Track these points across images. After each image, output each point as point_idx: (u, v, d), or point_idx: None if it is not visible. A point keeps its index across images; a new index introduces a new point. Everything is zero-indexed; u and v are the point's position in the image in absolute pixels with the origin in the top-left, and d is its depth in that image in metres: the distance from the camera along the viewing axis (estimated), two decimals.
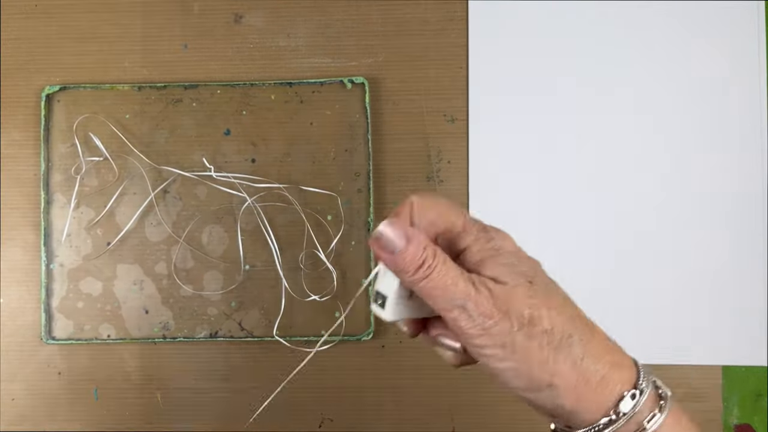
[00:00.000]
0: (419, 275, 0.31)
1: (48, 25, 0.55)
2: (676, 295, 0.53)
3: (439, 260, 0.31)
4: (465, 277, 0.31)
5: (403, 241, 0.31)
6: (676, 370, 0.52)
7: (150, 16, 0.55)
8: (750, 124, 0.53)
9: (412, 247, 0.31)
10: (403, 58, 0.54)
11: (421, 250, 0.31)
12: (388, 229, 0.31)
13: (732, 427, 0.52)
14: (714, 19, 0.54)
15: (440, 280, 0.30)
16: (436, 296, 0.31)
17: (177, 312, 0.54)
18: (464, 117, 0.54)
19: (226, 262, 0.54)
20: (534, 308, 0.30)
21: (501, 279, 0.30)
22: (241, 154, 0.54)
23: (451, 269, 0.31)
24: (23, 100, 0.55)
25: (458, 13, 0.54)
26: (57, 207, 0.54)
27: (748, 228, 0.53)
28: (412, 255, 0.31)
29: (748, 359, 0.52)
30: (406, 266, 0.31)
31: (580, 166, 0.53)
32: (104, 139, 0.54)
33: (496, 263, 0.31)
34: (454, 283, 0.30)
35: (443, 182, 0.54)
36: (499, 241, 0.32)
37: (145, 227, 0.54)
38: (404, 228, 0.31)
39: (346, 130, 0.54)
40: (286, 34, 0.55)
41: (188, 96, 0.54)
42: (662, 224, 0.53)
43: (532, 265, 0.33)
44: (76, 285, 0.54)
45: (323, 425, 0.53)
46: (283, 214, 0.54)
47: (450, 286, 0.30)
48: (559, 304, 0.31)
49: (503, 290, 0.30)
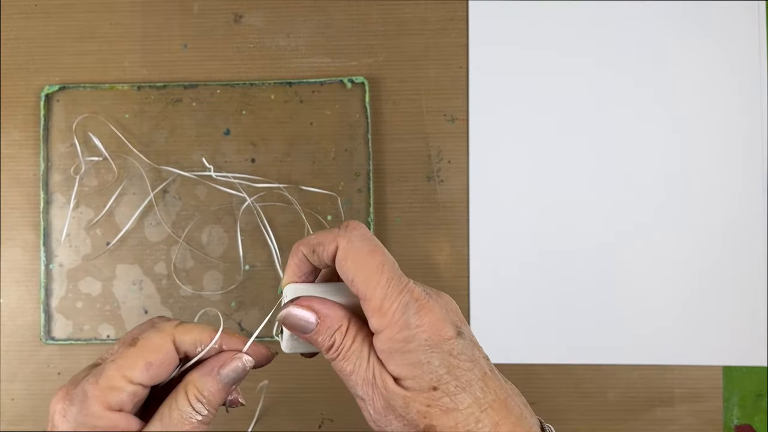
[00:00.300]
0: (329, 356, 0.30)
1: (47, 24, 0.55)
2: (676, 295, 0.52)
3: (346, 344, 0.30)
4: (368, 370, 0.29)
5: (313, 322, 0.30)
6: (677, 370, 0.52)
7: (150, 16, 0.55)
8: (750, 125, 0.53)
9: (322, 327, 0.30)
10: (403, 58, 0.54)
11: (332, 332, 0.30)
12: (295, 310, 0.30)
13: (732, 428, 0.52)
14: (714, 19, 0.53)
15: (344, 367, 0.30)
16: (343, 379, 0.30)
17: (177, 312, 0.53)
18: (464, 117, 0.54)
19: (225, 262, 0.54)
20: (431, 420, 0.28)
21: (404, 383, 0.29)
22: (240, 154, 0.54)
23: (355, 357, 0.29)
24: (22, 100, 0.55)
25: (458, 13, 0.54)
26: (56, 207, 0.54)
27: (749, 228, 0.53)
28: (322, 337, 0.30)
29: (749, 359, 0.52)
30: (320, 347, 0.30)
31: (580, 165, 0.53)
32: (104, 138, 0.54)
33: (404, 362, 0.29)
34: (356, 373, 0.29)
35: (443, 182, 0.54)
36: (414, 329, 0.29)
37: (145, 227, 0.54)
38: (314, 306, 0.30)
39: (346, 129, 0.54)
40: (285, 34, 0.55)
41: (188, 96, 0.54)
42: (662, 224, 0.53)
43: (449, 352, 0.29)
44: (75, 285, 0.54)
45: (323, 425, 0.53)
46: (282, 214, 0.54)
47: (352, 375, 0.29)
48: (465, 407, 0.28)
49: (402, 397, 0.28)
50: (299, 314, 0.30)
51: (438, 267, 0.53)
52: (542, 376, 0.53)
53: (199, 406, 0.30)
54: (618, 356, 0.52)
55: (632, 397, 0.52)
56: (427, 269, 0.53)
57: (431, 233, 0.53)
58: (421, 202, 0.54)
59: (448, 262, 0.53)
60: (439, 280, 0.53)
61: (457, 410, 0.28)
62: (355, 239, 0.30)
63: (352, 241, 0.30)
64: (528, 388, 0.53)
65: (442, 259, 0.53)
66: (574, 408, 0.53)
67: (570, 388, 0.53)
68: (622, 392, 0.52)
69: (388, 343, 0.29)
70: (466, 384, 0.29)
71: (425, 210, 0.54)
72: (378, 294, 0.29)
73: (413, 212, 0.54)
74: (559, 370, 0.53)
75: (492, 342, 0.53)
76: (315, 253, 0.31)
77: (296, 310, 0.30)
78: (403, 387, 0.29)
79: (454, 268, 0.53)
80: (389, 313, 0.29)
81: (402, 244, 0.53)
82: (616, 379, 0.52)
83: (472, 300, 0.53)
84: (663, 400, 0.52)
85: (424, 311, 0.29)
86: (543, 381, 0.53)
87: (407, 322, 0.29)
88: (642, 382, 0.52)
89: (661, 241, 0.53)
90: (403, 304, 0.29)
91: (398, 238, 0.53)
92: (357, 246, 0.30)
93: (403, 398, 0.28)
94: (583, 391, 0.53)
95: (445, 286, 0.53)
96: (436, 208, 0.54)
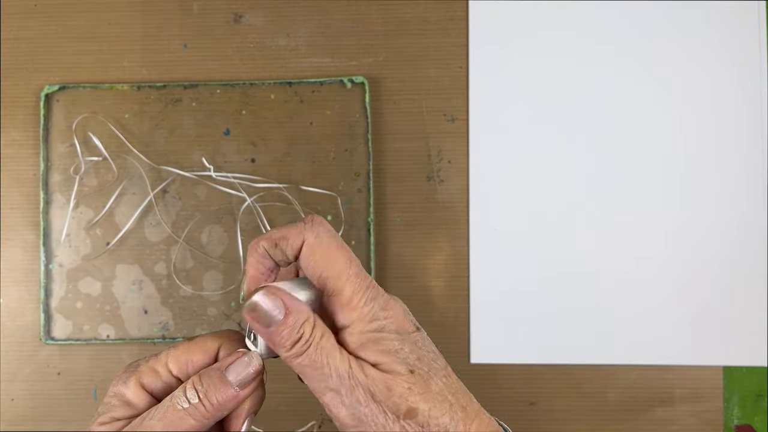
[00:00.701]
0: (294, 351, 0.28)
1: (47, 24, 0.55)
2: (676, 295, 0.52)
3: (316, 336, 0.28)
4: (343, 359, 0.28)
5: (280, 313, 0.28)
6: (677, 370, 0.52)
7: (149, 16, 0.55)
8: (750, 125, 0.53)
9: (290, 319, 0.28)
10: (403, 58, 0.54)
11: (299, 325, 0.28)
12: (265, 299, 0.29)
13: (733, 428, 0.52)
14: (714, 20, 0.53)
15: (316, 358, 0.28)
16: (309, 375, 0.28)
17: (177, 312, 0.53)
18: (464, 117, 0.54)
19: (225, 262, 0.54)
20: (412, 401, 0.28)
21: (383, 367, 0.28)
22: (240, 154, 0.54)
23: (328, 348, 0.28)
24: (22, 100, 0.55)
25: (458, 13, 0.54)
26: (56, 207, 0.54)
27: (749, 228, 0.53)
28: (289, 330, 0.28)
29: (749, 360, 0.52)
30: (283, 341, 0.29)
31: (580, 165, 0.53)
32: (103, 138, 0.54)
33: (378, 349, 0.29)
34: (330, 364, 0.28)
35: (443, 182, 0.54)
36: (383, 320, 0.29)
37: (145, 227, 0.54)
38: (283, 298, 0.29)
39: (346, 129, 0.54)
40: (285, 34, 0.55)
41: (188, 96, 0.54)
42: (662, 224, 0.53)
43: (414, 342, 0.30)
44: (75, 285, 0.54)
45: (323, 426, 0.53)
46: (282, 214, 0.54)
47: (325, 367, 0.28)
48: (438, 391, 0.29)
49: (383, 381, 0.28)
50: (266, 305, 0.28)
51: (438, 267, 0.53)
52: (542, 376, 0.53)
53: (191, 393, 0.29)
54: (618, 356, 0.52)
55: (632, 398, 0.52)
56: (427, 269, 0.53)
57: (431, 233, 0.53)
58: (421, 202, 0.54)
59: (448, 262, 0.53)
60: (439, 280, 0.53)
61: (431, 392, 0.29)
62: (323, 234, 0.30)
63: (320, 236, 0.30)
64: (528, 388, 0.53)
65: (442, 259, 0.53)
66: (575, 408, 0.53)
67: (570, 389, 0.53)
68: (622, 392, 0.52)
69: (359, 335, 0.29)
70: (435, 371, 0.30)
71: (425, 210, 0.54)
72: (348, 289, 0.29)
73: (413, 212, 0.54)
74: (559, 371, 0.53)
75: (492, 342, 0.53)
76: (278, 248, 0.30)
77: (266, 299, 0.28)
78: (383, 371, 0.29)
79: (454, 268, 0.53)
80: (358, 307, 0.29)
81: (402, 244, 0.53)
82: (616, 379, 0.52)
83: (472, 300, 0.53)
84: (663, 401, 0.52)
85: (389, 305, 0.30)
86: (543, 381, 0.53)
87: (376, 315, 0.29)
88: (642, 383, 0.52)
89: (662, 241, 0.53)
90: (371, 299, 0.29)
91: (398, 238, 0.53)
92: (325, 242, 0.30)
93: (384, 382, 0.28)
94: (583, 392, 0.53)
95: (445, 286, 0.53)
96: (436, 208, 0.54)
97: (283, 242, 0.30)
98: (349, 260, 0.30)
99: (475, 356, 0.53)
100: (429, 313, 0.53)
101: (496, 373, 0.53)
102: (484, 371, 0.53)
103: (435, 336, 0.52)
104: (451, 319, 0.53)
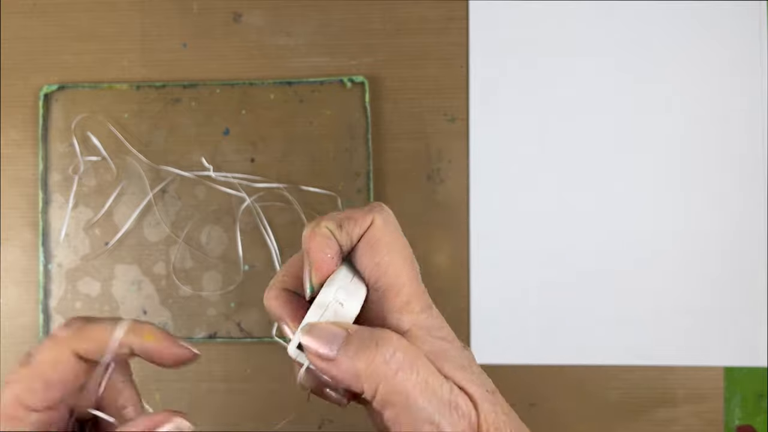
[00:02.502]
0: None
1: (46, 24, 0.55)
2: (676, 295, 0.52)
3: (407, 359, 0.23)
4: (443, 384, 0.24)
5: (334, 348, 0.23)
6: (678, 371, 0.52)
7: (149, 15, 0.55)
8: (751, 125, 0.53)
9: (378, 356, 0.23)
10: (403, 58, 0.54)
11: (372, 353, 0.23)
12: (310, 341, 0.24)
13: (734, 429, 0.52)
14: (715, 20, 0.53)
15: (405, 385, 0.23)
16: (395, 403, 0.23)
17: (176, 312, 0.53)
18: (464, 116, 0.54)
19: (225, 263, 0.53)
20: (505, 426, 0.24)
21: (467, 389, 0.25)
22: (240, 154, 0.54)
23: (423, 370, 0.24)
24: (21, 100, 0.54)
25: (458, 13, 0.54)
26: (55, 207, 0.54)
27: (749, 228, 0.52)
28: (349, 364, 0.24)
29: (750, 360, 0.52)
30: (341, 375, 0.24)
31: (580, 165, 0.53)
32: (102, 138, 0.54)
33: (453, 365, 0.25)
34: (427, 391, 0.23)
35: (443, 182, 0.53)
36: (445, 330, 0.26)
37: (144, 227, 0.54)
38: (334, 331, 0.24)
39: (346, 129, 0.54)
40: (285, 33, 0.54)
41: (187, 95, 0.54)
42: (663, 225, 0.53)
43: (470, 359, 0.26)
44: (74, 285, 0.53)
45: (323, 426, 0.53)
46: (282, 214, 0.53)
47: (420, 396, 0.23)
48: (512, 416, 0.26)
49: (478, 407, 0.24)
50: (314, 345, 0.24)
51: (438, 267, 0.53)
52: (543, 376, 0.52)
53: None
54: (619, 357, 0.52)
55: (633, 398, 0.52)
56: (427, 269, 0.53)
57: (431, 233, 0.53)
58: (421, 202, 0.53)
59: (448, 262, 0.53)
60: (439, 280, 0.53)
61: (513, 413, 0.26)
62: (391, 221, 0.26)
63: (388, 221, 0.26)
64: (528, 389, 0.52)
65: (442, 259, 0.53)
66: (575, 409, 0.52)
67: (571, 389, 0.52)
68: (623, 393, 0.52)
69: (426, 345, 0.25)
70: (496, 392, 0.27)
71: (425, 210, 0.53)
72: (407, 288, 0.26)
73: (413, 212, 0.54)
74: (560, 371, 0.52)
75: (492, 342, 0.52)
76: (342, 230, 0.26)
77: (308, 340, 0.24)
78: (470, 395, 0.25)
79: (454, 268, 0.53)
80: (415, 311, 0.26)
81: None
82: (617, 379, 0.52)
83: (472, 300, 0.53)
84: (664, 401, 0.52)
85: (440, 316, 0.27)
86: (544, 382, 0.52)
87: (437, 323, 0.26)
88: (643, 383, 0.52)
89: (662, 241, 0.53)
90: (427, 306, 0.26)
91: None
92: (393, 228, 0.26)
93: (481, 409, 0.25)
94: (583, 392, 0.52)
95: (445, 286, 0.53)
96: (436, 208, 0.53)
97: (349, 223, 0.26)
98: (412, 258, 0.27)
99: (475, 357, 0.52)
100: None
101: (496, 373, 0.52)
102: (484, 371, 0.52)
103: None
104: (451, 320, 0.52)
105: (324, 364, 0.24)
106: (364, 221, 0.26)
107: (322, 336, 0.24)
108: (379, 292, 0.26)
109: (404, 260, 0.26)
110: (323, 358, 0.24)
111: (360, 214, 0.26)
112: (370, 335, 0.24)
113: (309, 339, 0.24)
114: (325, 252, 0.26)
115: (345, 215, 0.27)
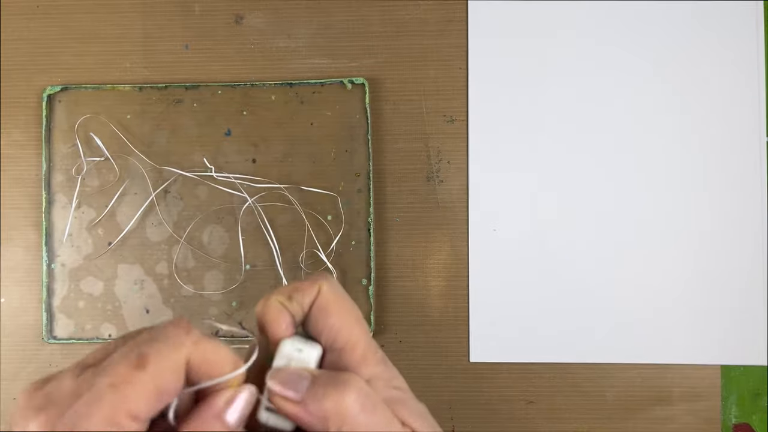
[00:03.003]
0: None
1: (49, 25, 0.55)
2: (674, 294, 0.53)
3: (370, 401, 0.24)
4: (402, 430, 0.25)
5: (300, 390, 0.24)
6: (675, 369, 0.53)
7: (151, 17, 0.55)
8: (749, 125, 0.53)
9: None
10: (403, 59, 0.54)
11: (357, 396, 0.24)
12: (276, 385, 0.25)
13: (731, 427, 0.53)
14: (713, 20, 0.54)
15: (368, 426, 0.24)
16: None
17: (178, 312, 0.54)
18: (464, 117, 0.54)
19: (226, 262, 0.54)
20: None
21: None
22: (241, 155, 0.54)
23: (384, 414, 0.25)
24: (24, 101, 0.55)
25: (458, 14, 0.55)
26: (58, 207, 0.54)
27: (748, 228, 0.53)
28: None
29: (747, 358, 0.52)
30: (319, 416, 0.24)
31: (580, 166, 0.54)
32: (105, 139, 0.54)
33: (411, 412, 0.26)
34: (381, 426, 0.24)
35: (443, 182, 0.54)
36: (401, 380, 0.27)
37: (146, 227, 0.54)
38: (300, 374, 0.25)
39: (347, 130, 0.54)
40: (286, 35, 0.55)
41: (189, 96, 0.54)
42: (661, 224, 0.53)
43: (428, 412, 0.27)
44: (77, 285, 0.54)
45: None
46: (283, 214, 0.54)
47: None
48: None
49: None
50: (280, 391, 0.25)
51: (438, 267, 0.53)
52: (541, 375, 0.53)
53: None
54: (616, 355, 0.53)
55: (631, 396, 0.53)
56: (427, 269, 0.53)
57: (431, 233, 0.54)
58: (421, 202, 0.54)
59: (448, 262, 0.53)
60: (438, 279, 0.53)
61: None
62: (336, 286, 0.28)
63: (334, 286, 0.28)
64: (527, 387, 0.53)
65: (442, 259, 0.54)
66: (573, 407, 0.53)
67: (569, 388, 0.53)
68: (620, 391, 0.53)
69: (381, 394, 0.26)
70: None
71: (425, 210, 0.54)
72: (362, 343, 0.27)
73: (413, 212, 0.54)
74: (558, 370, 0.53)
75: (491, 341, 0.53)
76: (292, 300, 0.27)
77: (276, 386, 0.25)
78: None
79: (454, 268, 0.53)
80: (371, 364, 0.27)
81: (402, 244, 0.54)
82: (614, 378, 0.53)
83: (471, 300, 0.53)
84: (661, 399, 0.53)
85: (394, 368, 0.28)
86: (542, 380, 0.53)
87: (392, 373, 0.28)
88: (640, 382, 0.53)
89: (660, 240, 0.53)
90: (382, 360, 0.28)
91: (398, 238, 0.54)
92: (340, 292, 0.28)
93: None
94: (581, 391, 0.53)
95: (445, 285, 0.53)
96: (436, 208, 0.54)
97: (298, 293, 0.27)
98: (362, 317, 0.28)
99: (474, 355, 0.53)
100: (429, 312, 0.53)
101: (495, 371, 0.53)
102: (483, 370, 0.53)
103: (435, 335, 0.53)
104: (451, 319, 0.53)
105: (291, 408, 0.25)
106: (312, 290, 0.27)
107: (289, 380, 0.25)
108: (336, 351, 0.27)
109: (356, 320, 0.27)
110: (291, 401, 0.25)
111: (307, 284, 0.28)
112: (335, 376, 0.25)
113: (274, 383, 0.25)
114: (279, 323, 0.27)
115: (293, 287, 0.28)
